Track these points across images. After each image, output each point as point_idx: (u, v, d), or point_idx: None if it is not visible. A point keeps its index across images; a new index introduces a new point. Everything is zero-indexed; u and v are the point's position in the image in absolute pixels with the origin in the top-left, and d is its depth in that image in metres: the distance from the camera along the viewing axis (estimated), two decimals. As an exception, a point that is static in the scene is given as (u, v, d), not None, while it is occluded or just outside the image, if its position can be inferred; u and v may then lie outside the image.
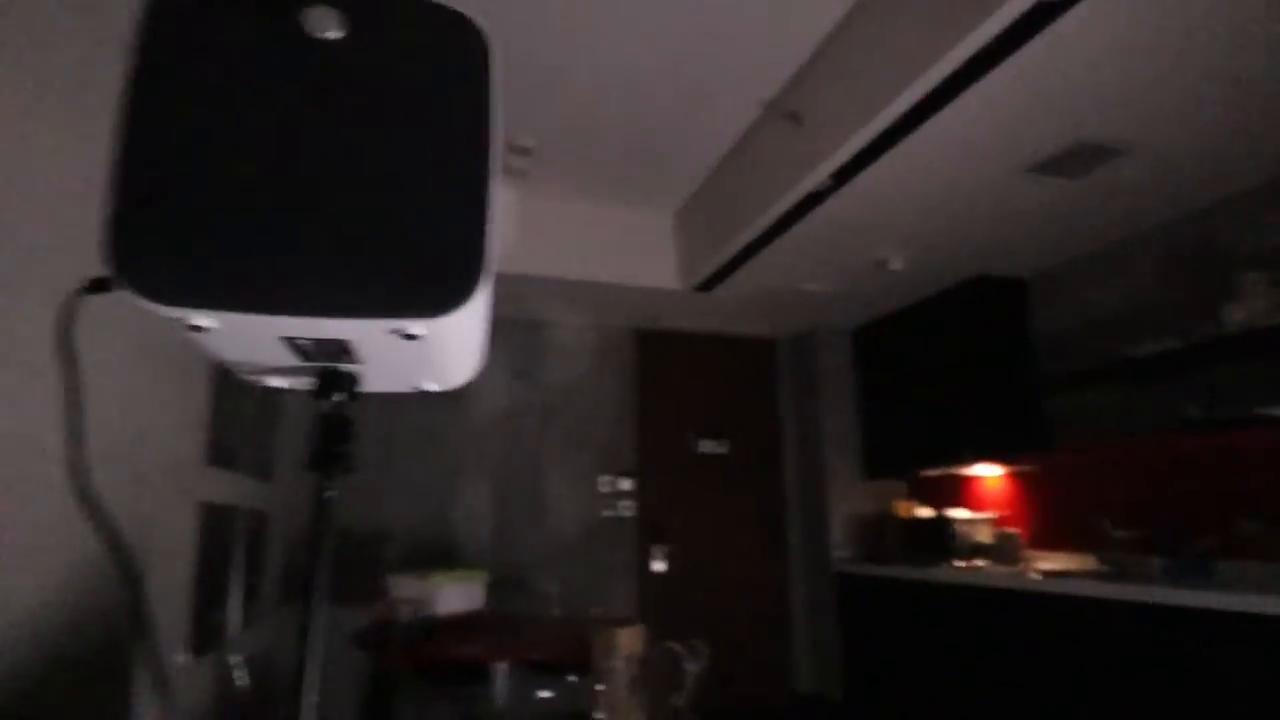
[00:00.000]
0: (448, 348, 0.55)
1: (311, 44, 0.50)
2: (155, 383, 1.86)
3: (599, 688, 2.59)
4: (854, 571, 4.27)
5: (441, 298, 0.49)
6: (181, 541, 2.09)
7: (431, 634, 2.63)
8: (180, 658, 2.07)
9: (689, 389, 4.87)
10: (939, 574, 3.60)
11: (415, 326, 0.49)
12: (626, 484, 4.60)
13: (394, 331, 0.49)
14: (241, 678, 2.50)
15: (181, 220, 0.46)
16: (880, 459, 4.57)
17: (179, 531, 2.07)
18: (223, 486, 2.45)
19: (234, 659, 2.48)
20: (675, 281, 4.17)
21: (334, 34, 0.50)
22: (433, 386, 0.65)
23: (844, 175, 2.84)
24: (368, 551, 3.83)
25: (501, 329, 4.42)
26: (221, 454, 2.40)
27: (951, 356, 4.01)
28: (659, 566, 4.56)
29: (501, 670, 2.65)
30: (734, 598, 4.65)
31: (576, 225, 4.06)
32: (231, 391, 2.50)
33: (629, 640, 2.50)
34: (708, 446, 4.83)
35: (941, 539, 4.06)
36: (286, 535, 3.50)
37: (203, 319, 0.46)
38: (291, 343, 0.51)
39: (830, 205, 3.08)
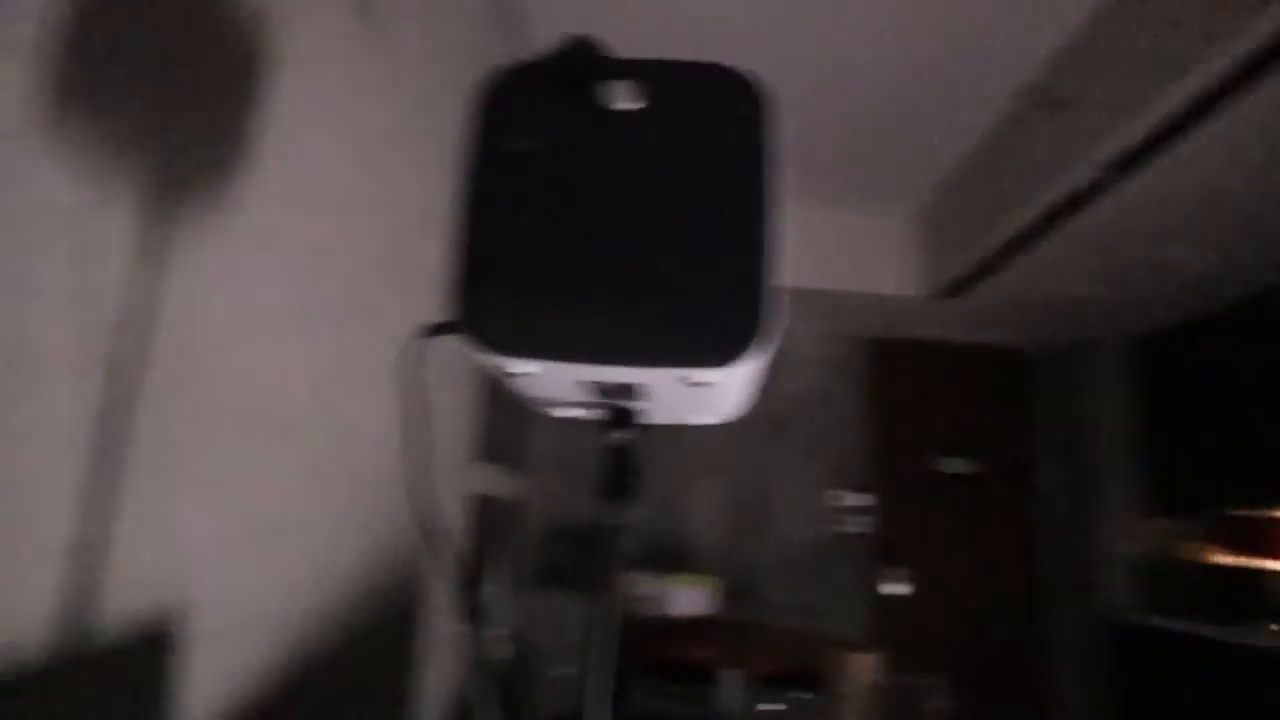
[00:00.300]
0: (730, 390, 0.58)
1: (607, 114, 0.55)
2: (439, 392, 2.15)
3: (829, 710, 2.50)
4: (1138, 623, 3.68)
5: (725, 350, 0.52)
6: (452, 528, 2.39)
7: (666, 633, 2.72)
8: (451, 628, 2.36)
9: (927, 402, 4.53)
10: (1255, 638, 2.98)
11: (707, 375, 0.53)
12: (858, 499, 4.40)
13: (683, 379, 0.53)
14: (505, 649, 2.79)
15: (509, 282, 0.54)
16: (1170, 492, 3.89)
17: (451, 519, 2.37)
18: (485, 479, 2.75)
19: (497, 632, 2.77)
20: (912, 288, 3.92)
21: (628, 105, 0.55)
22: (708, 420, 0.69)
23: (1126, 165, 2.47)
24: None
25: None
26: (485, 450, 2.70)
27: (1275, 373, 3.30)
28: (893, 589, 4.30)
29: (730, 677, 2.67)
30: (978, 634, 4.24)
31: (803, 231, 3.98)
32: (492, 394, 2.80)
33: (864, 667, 2.38)
34: (950, 465, 4.46)
35: (1254, 594, 3.35)
36: (540, 523, 3.84)
37: (524, 366, 0.54)
38: (587, 384, 0.56)
39: (1108, 200, 2.69)
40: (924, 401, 4.55)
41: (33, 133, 0.70)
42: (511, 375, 0.56)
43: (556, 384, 0.57)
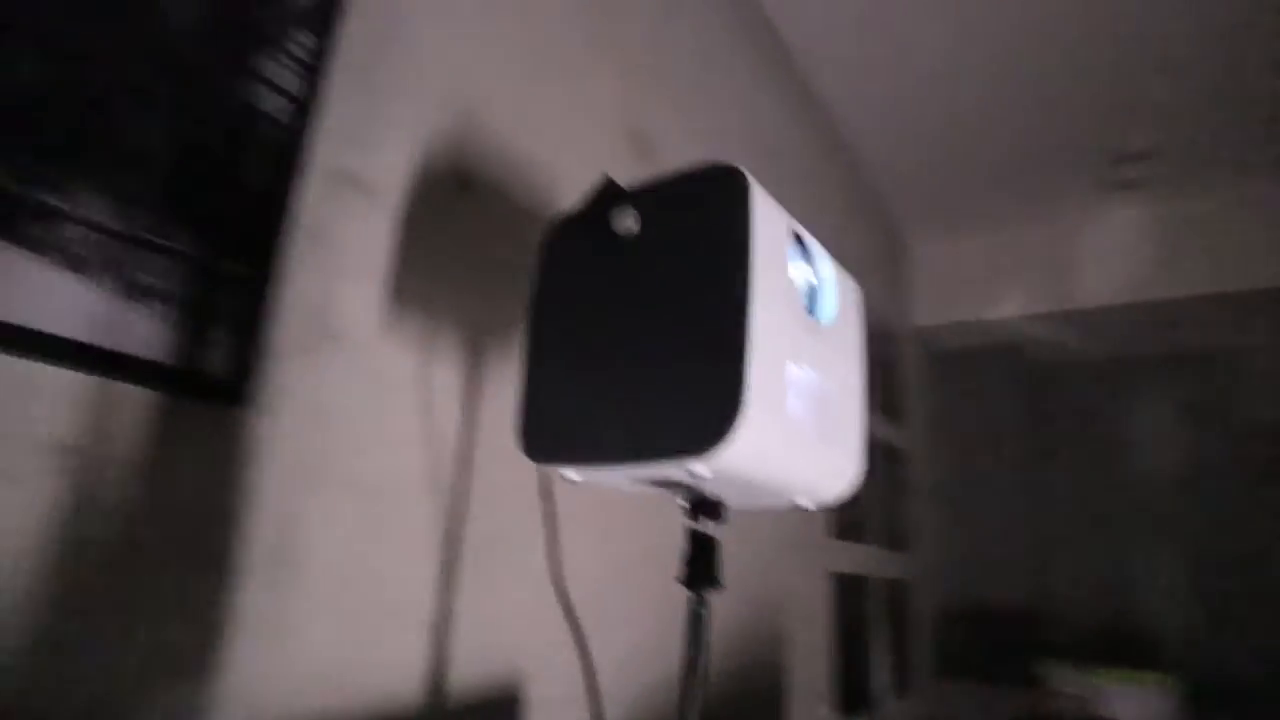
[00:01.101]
0: (755, 477, 0.56)
1: (616, 242, 0.60)
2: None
3: None
4: None
5: (699, 443, 0.51)
6: (816, 608, 2.36)
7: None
8: (823, 714, 2.30)
9: None
10: None
11: (697, 466, 0.52)
12: None
13: (687, 470, 0.53)
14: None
15: (547, 406, 0.62)
16: None
17: (813, 599, 2.35)
18: (851, 557, 2.67)
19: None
20: None
21: (631, 230, 0.59)
22: (804, 503, 0.65)
23: None
24: (1023, 628, 3.51)
25: (1159, 366, 3.65)
26: (847, 528, 2.64)
27: None
28: None
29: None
30: None
31: (1231, 225, 3.11)
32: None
33: None
34: None
35: None
36: (933, 605, 3.53)
37: (568, 474, 0.61)
38: (643, 481, 0.60)
39: None
40: None
41: (384, 328, 1.02)
42: (571, 481, 0.62)
43: (619, 484, 0.61)
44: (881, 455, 3.13)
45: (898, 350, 3.60)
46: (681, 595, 1.61)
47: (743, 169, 0.59)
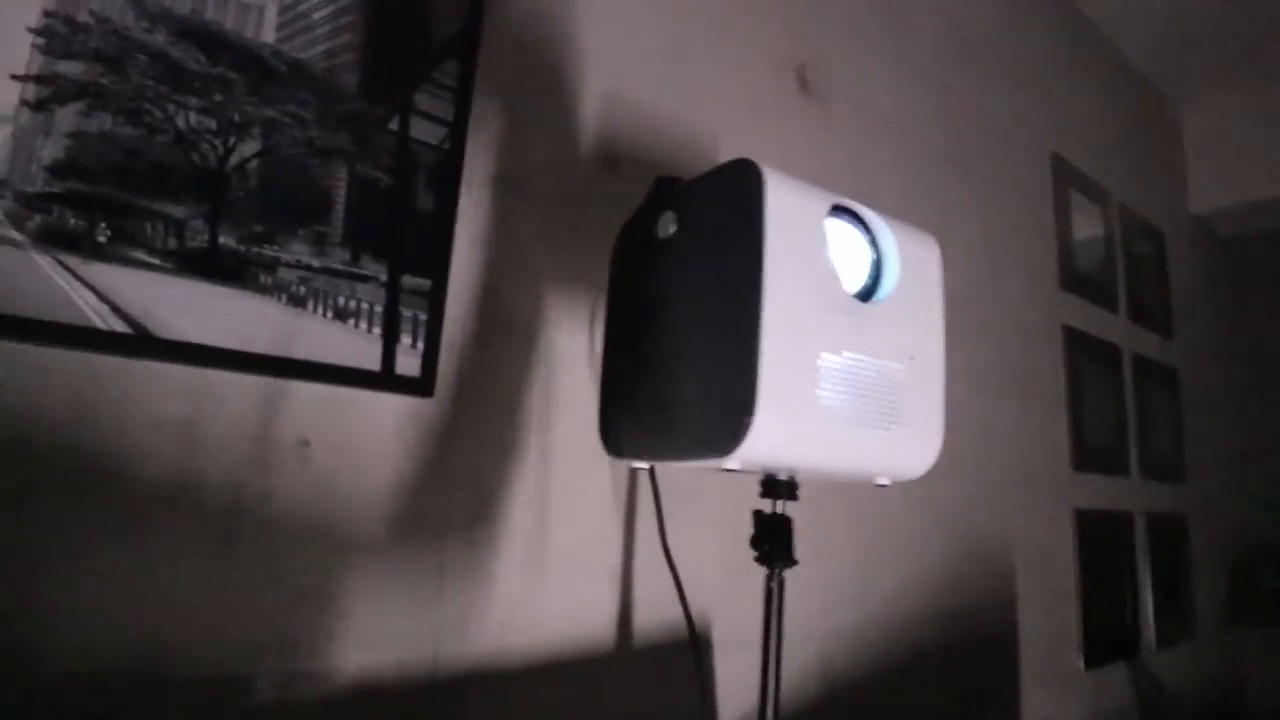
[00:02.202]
0: (796, 467, 0.55)
1: (659, 245, 0.60)
2: (1025, 415, 2.03)
3: None
4: None
5: (721, 440, 0.52)
6: (1059, 549, 2.17)
7: None
8: (1075, 663, 2.13)
9: None
10: None
11: (727, 464, 0.53)
12: None
13: (719, 469, 0.54)
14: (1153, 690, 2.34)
15: (614, 407, 0.65)
16: None
17: (1055, 539, 2.16)
18: (1105, 491, 2.39)
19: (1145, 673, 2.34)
20: None
21: (669, 232, 0.59)
22: (883, 481, 0.62)
23: None
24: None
25: None
26: (1093, 460, 2.35)
27: None
28: None
29: None
30: None
31: None
32: (1098, 400, 2.43)
33: None
34: None
35: None
36: (1223, 543, 3.03)
37: (637, 465, 0.64)
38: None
39: None
40: None
41: (547, 312, 1.13)
42: (640, 469, 0.65)
43: (687, 470, 0.63)
44: (1141, 375, 2.71)
45: (1164, 247, 3.04)
46: (886, 541, 1.60)
47: (756, 162, 0.57)
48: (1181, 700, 2.56)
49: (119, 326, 0.75)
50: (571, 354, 1.15)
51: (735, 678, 1.26)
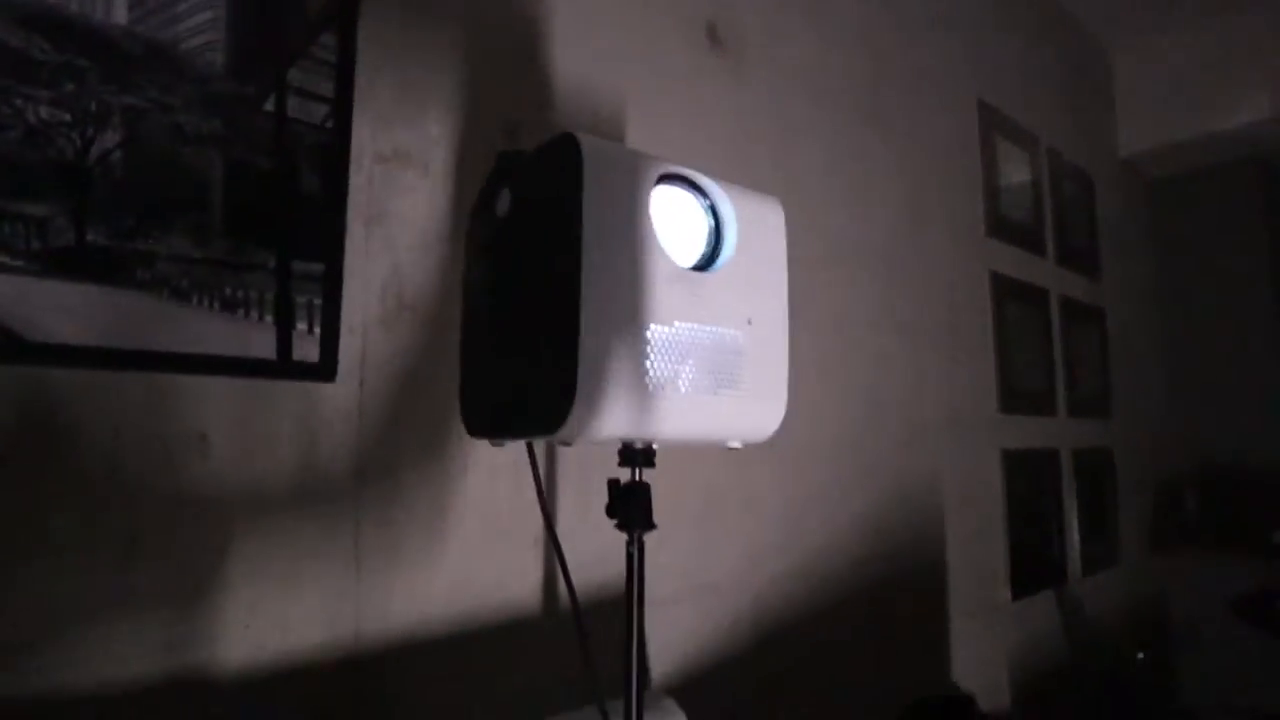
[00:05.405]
0: (638, 438, 0.58)
1: (497, 223, 0.60)
2: (952, 361, 2.09)
3: None
4: None
5: (548, 419, 0.55)
6: (987, 487, 2.26)
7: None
8: (1001, 595, 2.24)
9: None
10: None
11: (558, 441, 0.55)
12: None
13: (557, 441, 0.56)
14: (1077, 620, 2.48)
15: (467, 387, 0.66)
16: None
17: (982, 478, 2.25)
18: (1031, 430, 2.48)
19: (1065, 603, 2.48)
20: None
21: (504, 210, 0.59)
22: (734, 444, 0.65)
23: None
24: (1261, 494, 3.06)
25: None
26: (1021, 401, 2.44)
27: None
28: None
29: None
30: None
31: None
32: (1026, 343, 2.51)
33: None
34: None
35: None
36: (1147, 475, 3.19)
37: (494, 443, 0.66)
38: None
39: None
40: None
41: (453, 293, 1.13)
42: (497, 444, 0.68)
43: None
44: (1069, 317, 2.79)
45: (1092, 190, 3.11)
46: (813, 491, 1.64)
47: (576, 135, 0.57)
48: (1106, 622, 2.72)
49: (-18, 332, 0.73)
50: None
51: (663, 631, 1.31)
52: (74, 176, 0.80)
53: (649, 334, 0.57)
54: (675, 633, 1.34)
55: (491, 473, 1.13)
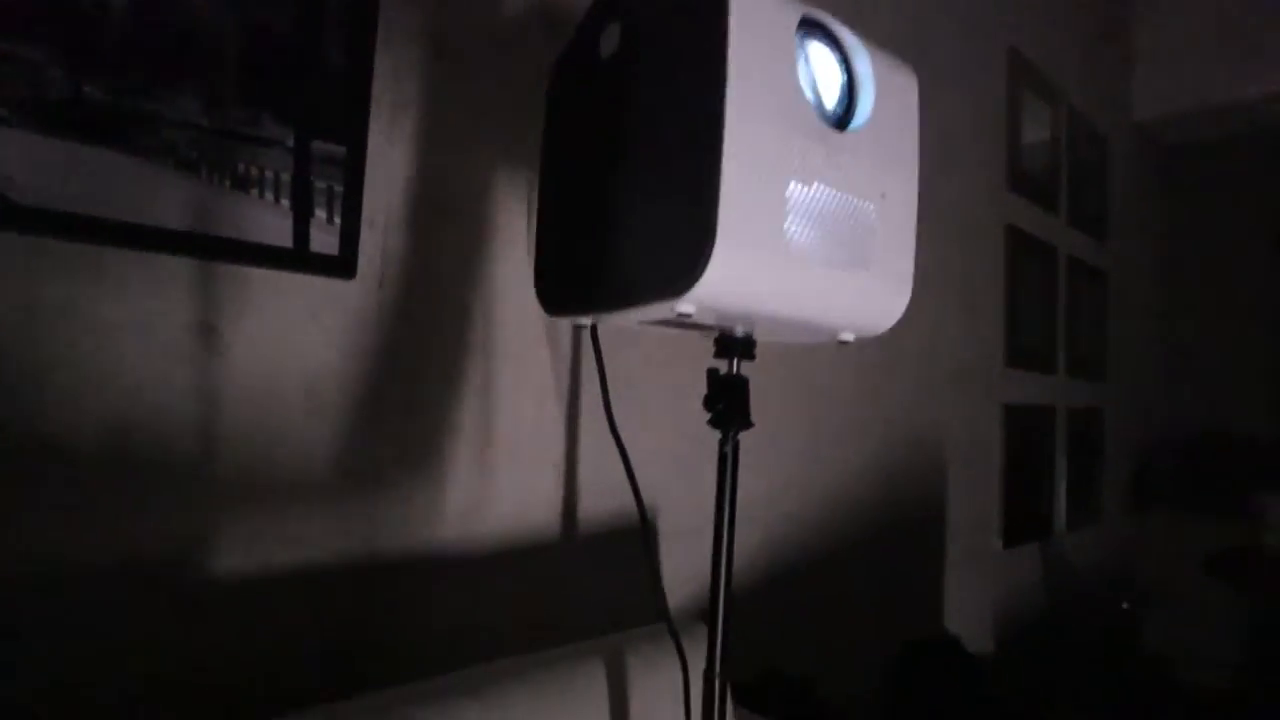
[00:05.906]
0: (757, 312, 0.52)
1: (600, 66, 0.52)
2: (965, 313, 2.04)
3: None
4: None
5: (675, 279, 0.48)
6: (987, 440, 2.25)
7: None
8: (994, 544, 2.26)
9: None
10: None
11: (682, 306, 0.49)
12: None
13: (675, 312, 0.50)
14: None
15: (549, 259, 0.59)
16: None
17: (983, 431, 2.24)
18: (1032, 387, 2.47)
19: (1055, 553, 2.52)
20: None
21: (615, 47, 0.51)
22: (847, 337, 0.59)
23: None
24: (1249, 459, 3.11)
25: None
26: (1024, 357, 2.42)
27: None
28: None
29: None
30: None
31: None
32: (1033, 300, 2.47)
33: None
34: None
35: None
36: (1134, 436, 3.23)
37: (579, 321, 0.59)
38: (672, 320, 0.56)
39: None
40: None
41: (485, 195, 1.04)
42: (582, 326, 0.60)
43: (632, 326, 0.58)
44: (1074, 276, 2.77)
45: (1106, 152, 3.06)
46: (833, 433, 1.61)
47: None
48: (1085, 576, 2.78)
49: (-35, 187, 0.64)
50: (510, 232, 1.06)
51: (682, 563, 1.27)
52: (73, 18, 0.69)
53: (790, 192, 0.50)
54: (692, 567, 1.31)
55: (516, 390, 1.07)
